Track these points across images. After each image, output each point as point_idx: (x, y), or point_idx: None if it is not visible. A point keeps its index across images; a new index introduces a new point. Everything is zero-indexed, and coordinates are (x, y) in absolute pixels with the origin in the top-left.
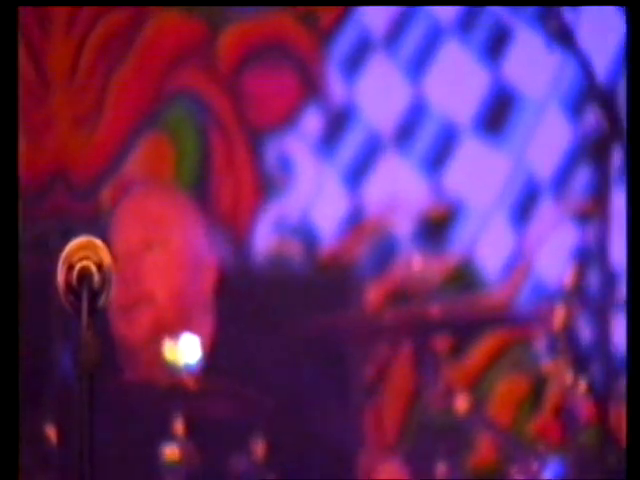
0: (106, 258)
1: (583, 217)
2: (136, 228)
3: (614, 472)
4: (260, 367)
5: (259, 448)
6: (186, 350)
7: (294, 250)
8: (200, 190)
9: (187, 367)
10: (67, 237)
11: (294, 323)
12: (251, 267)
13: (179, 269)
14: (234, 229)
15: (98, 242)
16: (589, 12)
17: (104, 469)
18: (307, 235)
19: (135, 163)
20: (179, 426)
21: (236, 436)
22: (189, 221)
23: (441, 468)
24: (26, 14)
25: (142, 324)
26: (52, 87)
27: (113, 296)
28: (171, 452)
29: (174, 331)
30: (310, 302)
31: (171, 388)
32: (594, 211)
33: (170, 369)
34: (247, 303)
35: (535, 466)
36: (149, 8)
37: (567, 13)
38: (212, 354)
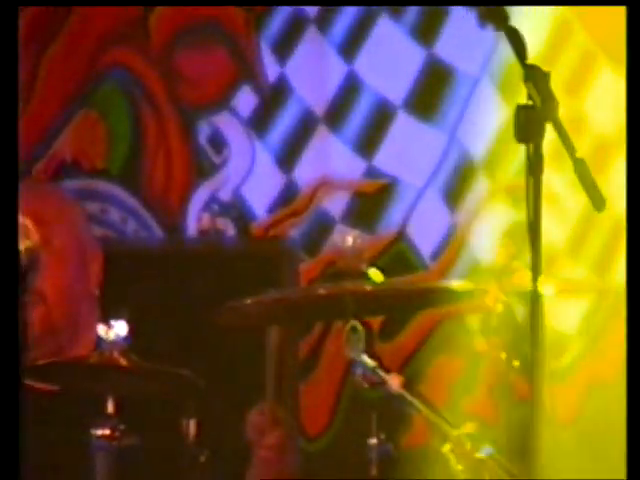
0: (33, 239)
1: (515, 195)
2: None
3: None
4: (188, 346)
5: (190, 428)
6: (115, 329)
7: (226, 227)
8: (133, 168)
9: (116, 342)
10: None
11: (224, 301)
12: (183, 245)
13: (63, 267)
14: (167, 207)
15: (27, 222)
16: None
17: (36, 449)
18: (239, 213)
19: (66, 142)
20: (110, 405)
21: (167, 415)
22: (69, 217)
23: (374, 444)
24: None
25: (34, 324)
26: None
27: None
28: (102, 431)
29: (60, 328)
30: (242, 279)
31: (102, 366)
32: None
33: (100, 346)
34: (178, 281)
35: (469, 445)
36: None
37: None
38: (139, 333)
